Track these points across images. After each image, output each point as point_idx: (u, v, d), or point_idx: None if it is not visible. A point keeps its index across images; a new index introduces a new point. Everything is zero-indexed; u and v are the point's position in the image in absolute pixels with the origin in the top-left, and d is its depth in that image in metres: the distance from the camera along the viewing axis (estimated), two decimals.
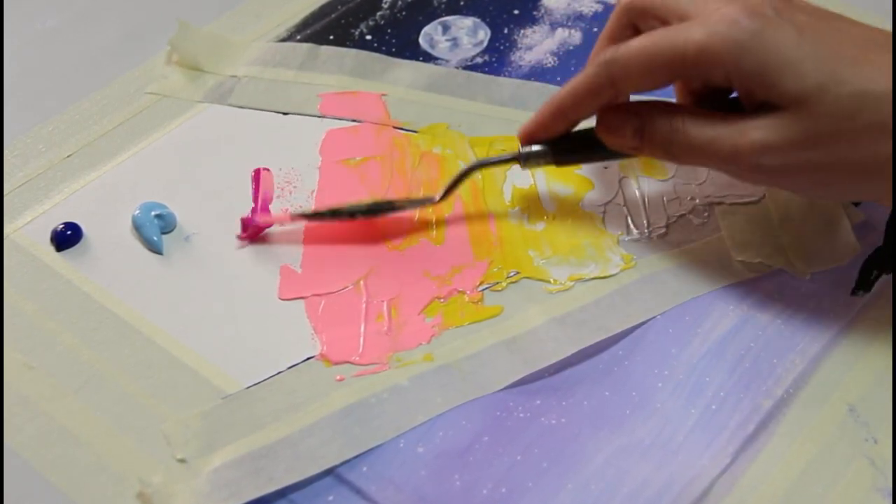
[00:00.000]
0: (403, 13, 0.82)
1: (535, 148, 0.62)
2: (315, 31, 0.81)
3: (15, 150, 0.71)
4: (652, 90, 0.58)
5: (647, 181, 0.66)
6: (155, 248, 0.64)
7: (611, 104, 0.60)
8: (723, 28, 0.53)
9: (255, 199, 0.67)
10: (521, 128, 0.63)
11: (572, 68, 0.75)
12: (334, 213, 0.64)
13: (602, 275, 0.61)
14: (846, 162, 0.53)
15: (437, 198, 0.64)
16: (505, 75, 0.76)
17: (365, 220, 0.65)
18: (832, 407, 0.55)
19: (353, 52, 0.78)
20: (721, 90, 0.60)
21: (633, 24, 0.61)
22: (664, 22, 0.57)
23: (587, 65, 0.59)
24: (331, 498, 0.52)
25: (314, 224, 0.65)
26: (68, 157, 0.71)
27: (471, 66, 0.77)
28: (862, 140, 0.52)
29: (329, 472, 0.53)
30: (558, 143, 0.62)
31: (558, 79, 0.75)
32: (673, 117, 0.57)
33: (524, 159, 0.63)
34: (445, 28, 0.80)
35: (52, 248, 0.65)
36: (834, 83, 0.51)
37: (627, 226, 0.64)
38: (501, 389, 0.56)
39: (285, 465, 0.53)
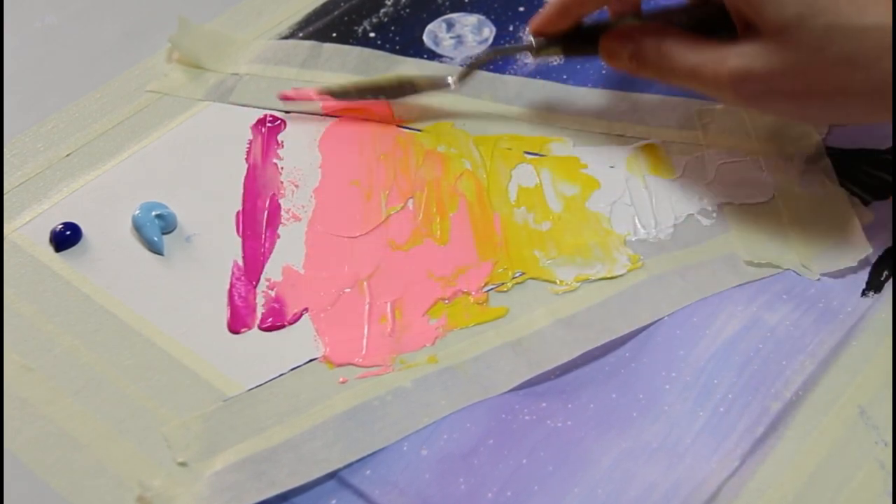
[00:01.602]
0: (407, 10, 0.82)
1: (546, 39, 0.68)
2: (318, 28, 0.81)
3: (13, 149, 0.71)
4: None
5: (654, 180, 0.66)
6: (155, 249, 0.64)
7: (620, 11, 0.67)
8: None
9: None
10: (531, 21, 0.68)
11: (577, 66, 0.75)
12: (360, 92, 0.72)
13: (609, 275, 0.61)
14: (820, 91, 0.57)
15: (453, 81, 0.71)
16: (510, 73, 0.76)
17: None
18: (842, 409, 0.55)
19: (357, 49, 0.78)
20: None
21: None
22: None
23: None
24: (334, 502, 0.52)
25: (316, 224, 0.65)
26: (67, 156, 0.71)
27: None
28: (833, 71, 0.55)
29: (332, 475, 0.53)
30: (568, 37, 0.68)
31: (564, 77, 0.75)
32: (662, 43, 0.62)
33: (536, 48, 0.68)
34: (450, 25, 0.80)
35: (51, 249, 0.65)
36: (811, 14, 0.55)
37: (634, 225, 0.64)
38: (507, 392, 0.56)
39: (288, 468, 0.53)
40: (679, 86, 0.64)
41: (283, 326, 0.60)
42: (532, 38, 0.68)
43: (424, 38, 0.79)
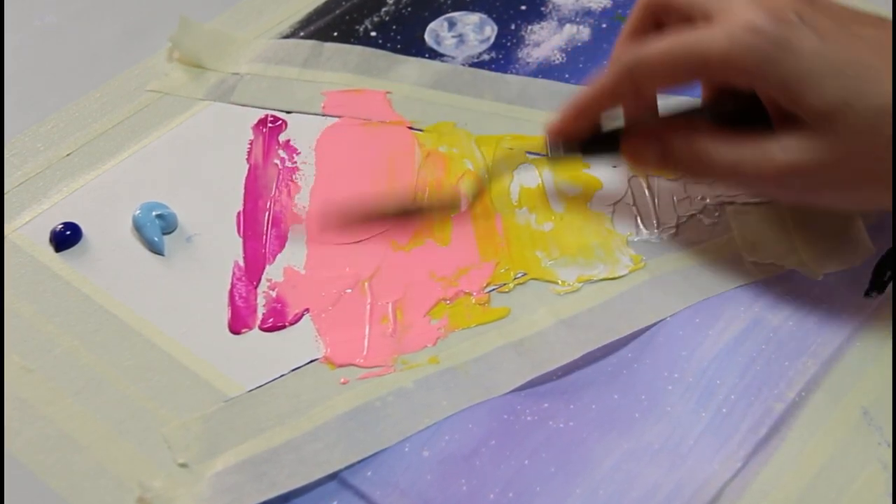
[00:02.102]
0: (408, 9, 0.82)
1: (565, 146, 0.63)
2: (319, 27, 0.81)
3: (13, 149, 0.71)
4: (676, 88, 0.59)
5: (656, 180, 0.66)
6: (156, 249, 0.64)
7: (634, 116, 0.62)
8: (746, 36, 0.53)
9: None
10: (548, 125, 0.63)
11: (580, 65, 0.75)
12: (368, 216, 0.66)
13: (611, 276, 0.61)
14: (872, 176, 0.54)
15: (464, 206, 0.66)
16: (512, 72, 0.76)
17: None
18: (845, 410, 0.55)
19: (358, 48, 0.78)
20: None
21: (656, 19, 0.61)
22: (688, 18, 0.58)
23: (610, 62, 0.61)
24: (335, 503, 0.52)
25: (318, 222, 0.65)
26: (67, 155, 0.71)
27: (477, 63, 0.77)
28: (886, 154, 0.52)
29: (333, 476, 0.53)
30: (588, 143, 0.63)
31: (566, 76, 0.75)
32: (694, 141, 0.58)
33: (552, 156, 0.64)
34: (451, 24, 0.80)
35: (50, 249, 0.65)
36: (856, 98, 0.52)
37: (637, 226, 0.64)
38: (508, 392, 0.56)
39: (288, 469, 0.53)
40: (719, 184, 0.63)
41: (283, 327, 0.60)
42: (548, 146, 0.64)
43: (426, 36, 0.79)
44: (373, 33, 0.80)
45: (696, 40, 0.55)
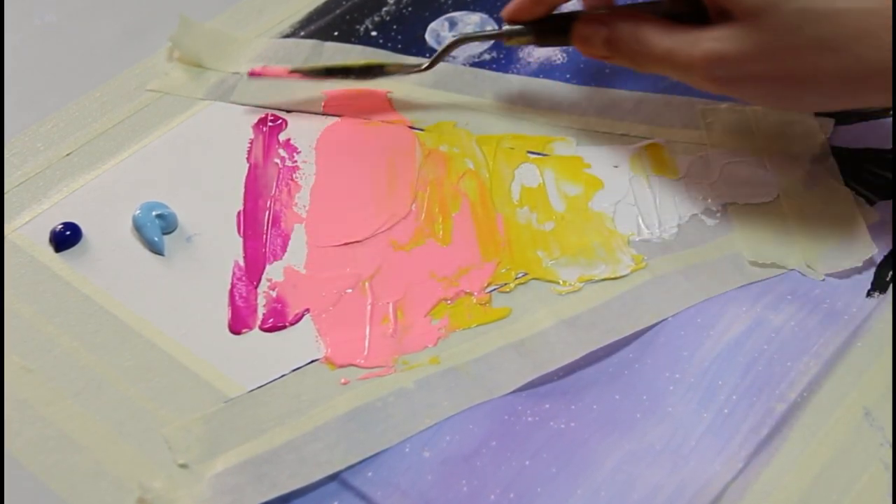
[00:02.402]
0: (409, 9, 0.82)
1: (518, 26, 0.68)
2: (319, 27, 0.81)
3: (13, 149, 0.71)
4: None
5: (658, 180, 0.67)
6: (156, 249, 0.64)
7: (591, 6, 0.67)
8: None
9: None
10: (505, 8, 0.68)
11: (581, 65, 0.75)
12: (329, 71, 0.73)
13: (612, 276, 0.61)
14: (792, 74, 0.58)
15: (424, 66, 0.71)
16: (513, 72, 0.76)
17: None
18: (847, 411, 0.55)
19: (359, 48, 0.78)
20: None
21: None
22: None
23: None
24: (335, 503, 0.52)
25: (318, 222, 0.65)
26: (67, 155, 0.71)
27: (478, 63, 0.77)
28: (805, 54, 0.56)
29: (333, 477, 0.53)
30: (540, 24, 0.68)
31: (567, 76, 0.75)
32: (637, 28, 0.63)
33: (507, 35, 0.69)
34: (452, 24, 0.80)
35: (50, 249, 0.65)
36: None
37: (638, 226, 0.64)
38: (509, 393, 0.56)
39: (289, 470, 0.53)
40: (652, 72, 0.64)
41: (284, 327, 0.60)
42: (505, 25, 0.69)
43: (426, 36, 0.79)
44: (373, 33, 0.80)
45: None
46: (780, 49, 0.57)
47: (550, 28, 0.68)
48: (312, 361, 0.58)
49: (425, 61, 0.71)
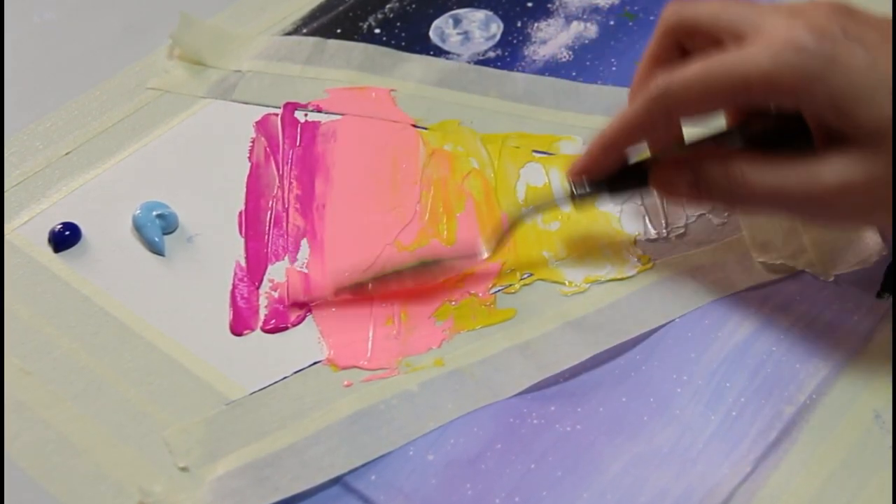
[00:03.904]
0: (413, 6, 0.82)
1: (589, 184, 0.59)
2: (322, 24, 0.81)
3: (12, 148, 0.72)
4: (709, 116, 0.57)
5: None
6: (156, 250, 0.64)
7: (660, 148, 0.59)
8: (790, 55, 0.51)
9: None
10: (570, 166, 0.60)
11: (587, 63, 0.75)
12: (378, 279, 0.62)
13: (618, 276, 0.61)
14: None
15: (486, 255, 0.62)
16: (518, 70, 0.76)
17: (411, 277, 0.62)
18: (857, 414, 0.55)
19: (362, 46, 0.78)
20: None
21: (680, 44, 0.58)
22: (716, 41, 0.55)
23: (635, 92, 0.59)
24: None
25: (320, 224, 0.65)
26: (67, 154, 0.71)
27: (483, 61, 0.77)
28: None
29: (336, 480, 0.53)
30: (613, 178, 0.59)
31: (573, 74, 0.75)
32: (729, 166, 0.55)
33: (578, 198, 0.60)
34: (457, 21, 0.80)
35: (49, 249, 0.65)
36: None
37: (645, 226, 0.64)
38: (515, 395, 0.56)
39: (291, 473, 0.53)
40: (754, 213, 0.61)
41: (286, 328, 0.60)
42: (573, 185, 0.60)
43: (431, 34, 0.79)
44: (377, 30, 0.80)
45: (734, 62, 0.52)
46: None
47: (625, 180, 0.60)
48: (315, 363, 0.58)
49: (482, 252, 0.62)
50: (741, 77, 0.52)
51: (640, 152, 0.59)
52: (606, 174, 0.59)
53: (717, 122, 0.59)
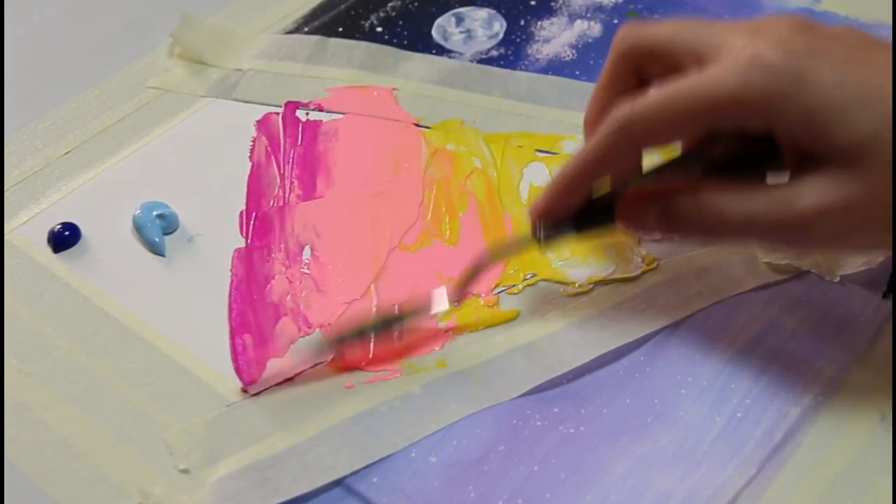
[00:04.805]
0: (415, 4, 0.82)
1: (554, 223, 0.57)
2: (323, 22, 0.81)
3: (11, 147, 0.72)
4: (672, 142, 0.56)
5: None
6: (156, 250, 0.64)
7: (626, 174, 0.56)
8: (756, 74, 0.49)
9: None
10: (532, 207, 0.57)
11: (591, 62, 0.75)
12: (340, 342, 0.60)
13: (623, 277, 0.61)
14: None
15: (447, 307, 0.60)
16: (521, 69, 0.76)
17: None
18: (862, 415, 0.54)
19: (364, 44, 0.78)
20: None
21: (636, 69, 0.56)
22: (675, 65, 0.53)
23: (592, 125, 0.57)
24: None
25: (321, 225, 0.65)
26: (66, 154, 0.71)
27: (486, 60, 0.77)
28: None
29: (338, 483, 0.53)
30: (579, 215, 0.57)
31: (577, 73, 0.75)
32: (699, 196, 0.53)
33: (544, 240, 0.58)
34: (459, 20, 0.80)
35: (49, 250, 0.65)
36: (886, 129, 0.48)
37: None
38: (518, 397, 0.56)
39: (292, 475, 0.53)
40: (726, 244, 0.60)
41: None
42: (539, 227, 0.57)
43: (433, 32, 0.80)
44: (378, 29, 0.80)
45: (699, 85, 0.50)
46: (890, 186, 0.48)
47: (590, 216, 0.57)
48: (317, 364, 0.58)
49: (442, 304, 0.60)
50: (708, 101, 0.50)
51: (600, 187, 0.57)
52: (571, 212, 0.57)
53: (674, 148, 0.57)
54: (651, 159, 0.56)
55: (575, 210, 0.56)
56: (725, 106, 0.50)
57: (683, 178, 0.55)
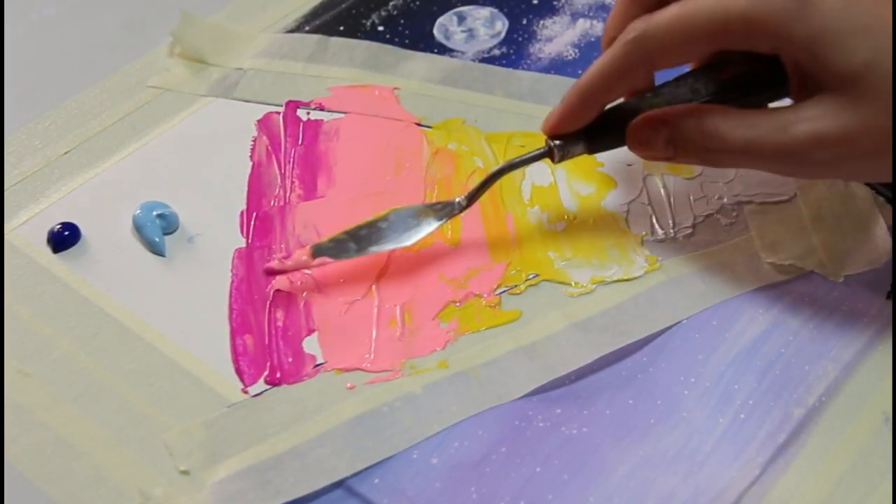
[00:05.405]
0: (417, 3, 0.82)
1: (566, 139, 0.60)
2: (324, 21, 0.81)
3: (10, 147, 0.72)
4: (687, 63, 0.58)
5: (672, 179, 0.66)
6: (156, 250, 0.64)
7: (639, 90, 0.59)
8: None
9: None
10: (546, 120, 0.60)
11: (593, 60, 0.75)
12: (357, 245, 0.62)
13: (625, 277, 0.61)
14: None
15: (464, 202, 0.62)
16: (523, 68, 0.76)
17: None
18: (866, 416, 0.55)
19: (365, 43, 0.78)
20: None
21: None
22: None
23: (610, 40, 0.59)
24: None
25: (322, 227, 0.65)
26: (66, 153, 0.71)
27: (488, 59, 0.77)
28: None
29: (339, 484, 0.53)
30: (590, 130, 0.59)
31: (579, 72, 0.74)
32: (703, 121, 0.55)
33: (557, 153, 0.60)
34: (461, 18, 0.80)
35: (48, 250, 0.65)
36: (882, 59, 0.50)
37: (652, 226, 0.64)
38: (520, 397, 0.56)
39: (293, 477, 0.53)
40: (730, 167, 0.62)
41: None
42: (551, 142, 0.60)
43: (435, 31, 0.80)
44: (380, 28, 0.80)
45: (713, 3, 0.53)
46: (887, 116, 0.50)
47: (602, 133, 0.60)
48: (318, 365, 0.58)
49: (459, 201, 0.63)
50: (720, 19, 0.53)
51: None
52: (583, 125, 0.59)
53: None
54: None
55: (587, 123, 0.59)
56: (735, 25, 0.53)
57: (692, 101, 0.58)
